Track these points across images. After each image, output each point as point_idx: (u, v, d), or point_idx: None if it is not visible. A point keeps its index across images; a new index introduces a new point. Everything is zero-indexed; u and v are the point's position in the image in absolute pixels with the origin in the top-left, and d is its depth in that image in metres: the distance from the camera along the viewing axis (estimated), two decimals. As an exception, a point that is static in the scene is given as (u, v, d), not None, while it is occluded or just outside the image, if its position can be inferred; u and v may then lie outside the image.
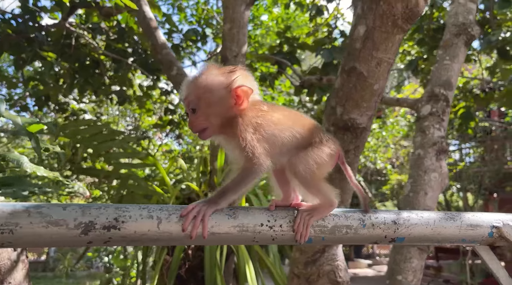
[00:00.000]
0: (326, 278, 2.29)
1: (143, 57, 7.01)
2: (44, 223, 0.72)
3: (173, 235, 0.78)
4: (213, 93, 1.01)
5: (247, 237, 0.81)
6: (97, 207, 0.76)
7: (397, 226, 0.84)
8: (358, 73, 2.11)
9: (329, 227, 0.83)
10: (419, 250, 3.28)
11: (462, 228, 0.89)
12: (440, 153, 3.45)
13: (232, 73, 1.03)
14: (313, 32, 8.09)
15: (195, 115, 1.02)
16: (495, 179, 12.86)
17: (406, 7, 1.98)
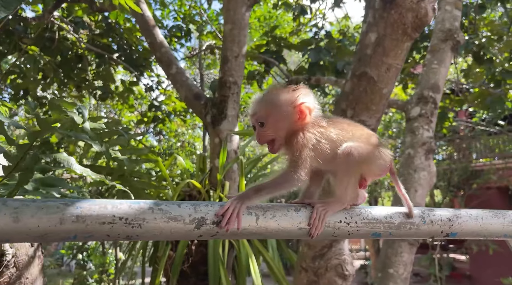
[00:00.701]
0: (333, 271, 2.41)
1: (128, 53, 6.96)
2: (165, 219, 0.79)
3: (268, 229, 0.87)
4: (281, 110, 1.11)
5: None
6: (205, 205, 0.84)
7: (452, 223, 0.96)
8: (368, 77, 2.23)
9: (396, 223, 0.93)
10: (409, 245, 3.46)
11: (505, 224, 1.01)
12: (429, 152, 3.64)
13: (296, 91, 1.13)
14: (296, 32, 8.23)
15: (263, 129, 1.12)
16: (462, 176, 13.43)
17: (416, 16, 2.11)
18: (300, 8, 7.34)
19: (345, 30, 7.62)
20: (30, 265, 2.27)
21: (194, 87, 3.60)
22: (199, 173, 3.55)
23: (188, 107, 3.87)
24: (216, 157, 3.34)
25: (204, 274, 3.20)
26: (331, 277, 2.42)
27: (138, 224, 0.77)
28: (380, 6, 2.18)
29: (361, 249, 20.90)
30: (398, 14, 2.12)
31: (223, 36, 3.48)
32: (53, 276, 15.28)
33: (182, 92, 3.61)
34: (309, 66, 5.93)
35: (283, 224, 0.90)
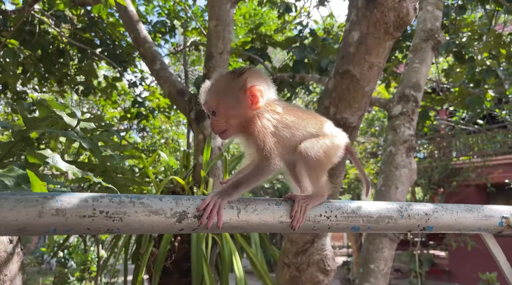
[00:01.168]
0: (315, 266, 2.44)
1: (111, 48, 6.88)
2: (146, 212, 0.79)
3: (249, 223, 0.88)
4: (230, 96, 1.08)
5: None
6: (187, 199, 0.84)
7: (428, 217, 0.99)
8: (351, 75, 2.26)
9: (375, 218, 0.95)
10: (390, 241, 3.52)
11: (479, 218, 1.05)
12: (410, 150, 3.71)
13: (244, 74, 1.09)
14: (281, 29, 8.25)
15: (216, 118, 1.09)
16: (443, 174, 13.69)
17: (398, 16, 2.14)
18: (285, 5, 7.36)
19: (329, 28, 7.68)
20: (9, 262, 2.23)
21: (178, 83, 3.59)
22: (183, 169, 3.54)
23: (172, 103, 3.85)
24: (200, 154, 3.33)
25: (187, 271, 3.20)
26: (313, 272, 2.44)
27: (119, 218, 0.77)
28: (363, 5, 2.21)
29: (344, 246, 21.13)
30: (380, 13, 2.15)
31: (207, 32, 3.47)
32: (33, 274, 15.04)
33: (166, 88, 3.59)
34: (294, 64, 5.95)
35: (264, 218, 0.91)
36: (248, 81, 1.08)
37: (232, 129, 1.11)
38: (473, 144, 14.51)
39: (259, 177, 1.04)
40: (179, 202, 0.83)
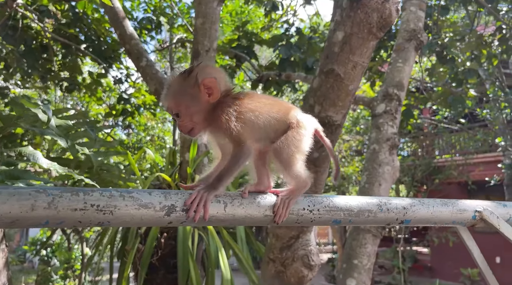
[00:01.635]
0: (300, 261, 2.48)
1: (96, 44, 6.82)
2: (136, 206, 0.82)
3: (235, 216, 0.92)
4: (186, 95, 1.11)
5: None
6: (175, 193, 0.87)
7: (406, 211, 1.04)
8: (335, 74, 2.30)
9: (355, 211, 0.99)
10: (373, 236, 3.59)
11: (454, 212, 1.10)
12: (393, 148, 3.78)
13: (194, 70, 1.13)
14: (267, 27, 8.28)
15: (180, 119, 1.12)
16: (426, 172, 13.92)
17: (381, 17, 2.19)
18: (272, 4, 7.39)
19: (315, 27, 7.74)
20: (-6, 258, 2.23)
21: (164, 80, 3.59)
22: (169, 166, 3.56)
23: (158, 100, 3.85)
24: (187, 151, 3.35)
25: (173, 267, 3.22)
26: (297, 267, 2.49)
27: (110, 211, 0.80)
28: (347, 5, 2.26)
29: (329, 243, 21.34)
30: (364, 14, 2.20)
31: (194, 30, 3.49)
32: (15, 273, 14.83)
33: (152, 85, 3.60)
34: (280, 62, 6.00)
35: (250, 211, 0.95)
36: (199, 76, 1.11)
37: (198, 126, 1.13)
38: (455, 142, 14.78)
39: (238, 164, 1.06)
40: (167, 196, 0.86)
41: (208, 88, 1.11)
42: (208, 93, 1.11)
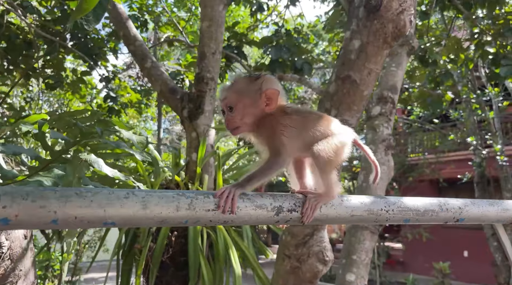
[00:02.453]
0: (315, 257, 2.61)
1: (83, 41, 6.74)
2: (253, 207, 0.94)
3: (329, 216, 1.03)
4: (248, 96, 1.20)
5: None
6: (281, 195, 0.98)
7: (461, 210, 1.17)
8: (352, 81, 2.44)
9: (422, 211, 1.12)
10: (371, 233, 3.77)
11: (499, 211, 1.25)
12: (388, 148, 3.97)
13: (261, 78, 1.22)
14: (253, 28, 8.38)
15: (232, 114, 1.20)
16: (400, 170, 14.39)
17: (396, 27, 2.35)
18: (258, 4, 7.50)
19: (299, 28, 7.90)
20: (24, 257, 2.26)
21: (169, 81, 3.64)
22: (176, 166, 3.61)
23: (163, 101, 3.87)
24: (194, 151, 3.42)
25: (183, 264, 3.30)
26: (312, 263, 2.62)
27: (234, 211, 0.90)
28: (363, 16, 2.40)
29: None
30: (380, 24, 2.34)
31: (200, 32, 3.55)
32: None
33: (157, 86, 3.64)
34: (270, 63, 6.11)
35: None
36: (264, 85, 1.20)
37: (245, 127, 1.21)
38: (428, 141, 15.34)
39: (269, 171, 1.12)
40: (275, 198, 0.96)
41: (268, 98, 1.20)
42: (266, 103, 1.20)
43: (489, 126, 10.51)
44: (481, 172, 10.89)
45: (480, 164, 10.81)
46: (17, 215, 0.69)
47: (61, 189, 0.76)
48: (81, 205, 0.75)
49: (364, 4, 2.37)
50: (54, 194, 0.74)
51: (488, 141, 10.80)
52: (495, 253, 11.04)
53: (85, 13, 1.02)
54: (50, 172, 1.60)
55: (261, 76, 1.23)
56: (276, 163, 1.14)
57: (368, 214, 1.04)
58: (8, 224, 0.70)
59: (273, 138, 1.17)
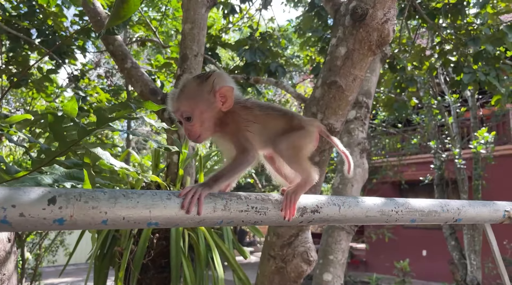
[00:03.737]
0: (300, 258, 2.68)
1: (50, 39, 6.55)
2: (279, 209, 0.97)
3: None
4: (202, 100, 1.13)
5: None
6: (306, 198, 1.02)
7: (459, 211, 1.26)
8: (338, 86, 2.53)
9: (426, 212, 1.20)
10: (346, 233, 3.89)
11: (491, 211, 1.35)
12: (363, 152, 4.12)
13: (210, 77, 1.15)
14: (225, 30, 8.40)
15: (191, 123, 1.13)
16: (363, 172, 14.78)
17: (380, 36, 2.46)
18: (231, 7, 7.54)
19: (271, 32, 8.00)
20: (7, 261, 2.20)
21: (150, 82, 3.61)
22: (155, 168, 3.59)
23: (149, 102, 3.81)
24: (175, 153, 3.41)
25: (163, 267, 3.28)
26: (297, 263, 2.69)
27: (264, 212, 0.93)
28: (350, 24, 2.49)
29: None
30: (365, 33, 2.45)
31: (182, 34, 3.55)
32: None
33: (138, 87, 3.60)
34: (244, 66, 6.16)
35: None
36: (216, 83, 1.14)
37: (206, 132, 1.16)
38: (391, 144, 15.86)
39: (238, 169, 1.09)
40: (301, 200, 1.01)
41: (223, 97, 1.14)
42: (222, 101, 1.14)
43: (448, 131, 11.01)
44: (441, 174, 11.39)
45: (440, 167, 11.31)
46: (71, 216, 0.71)
47: (109, 190, 0.77)
48: (128, 206, 0.77)
49: (350, 13, 2.46)
50: (104, 195, 0.75)
51: (447, 145, 11.32)
52: (452, 251, 11.57)
53: (123, 20, 1.01)
54: (52, 168, 1.58)
55: (210, 75, 1.16)
56: (244, 159, 1.10)
57: (381, 215, 1.11)
58: (63, 224, 0.71)
59: (237, 136, 1.13)
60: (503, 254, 11.99)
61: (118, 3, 0.92)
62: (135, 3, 0.92)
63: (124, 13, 0.94)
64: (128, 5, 0.92)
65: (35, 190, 0.70)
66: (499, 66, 6.33)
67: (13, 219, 0.67)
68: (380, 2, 2.39)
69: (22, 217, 0.67)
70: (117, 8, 0.93)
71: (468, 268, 10.93)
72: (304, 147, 1.19)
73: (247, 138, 1.12)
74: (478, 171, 10.71)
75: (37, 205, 0.68)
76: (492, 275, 11.75)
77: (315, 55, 8.18)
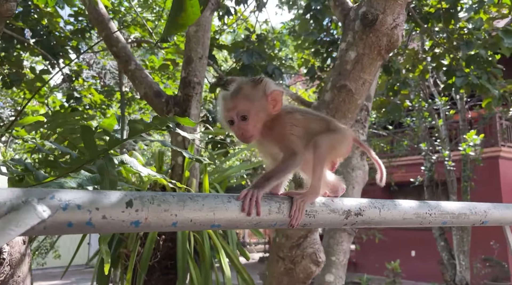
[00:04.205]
0: (309, 259, 2.71)
1: (45, 39, 6.49)
2: (328, 211, 1.01)
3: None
4: (258, 102, 1.18)
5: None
6: (348, 200, 1.05)
7: (486, 213, 1.31)
8: (348, 90, 2.57)
9: (456, 214, 1.24)
10: (348, 235, 3.94)
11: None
12: (363, 154, 4.17)
13: (263, 82, 1.21)
14: (220, 32, 8.42)
15: (246, 122, 1.17)
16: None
17: (390, 41, 2.51)
18: (226, 9, 7.55)
19: (265, 34, 8.04)
20: (22, 263, 2.21)
21: (154, 84, 3.61)
22: (159, 170, 3.58)
23: (148, 104, 3.78)
24: (179, 155, 3.42)
25: (169, 268, 3.29)
26: (306, 264, 2.72)
27: (313, 215, 0.97)
28: (359, 29, 2.54)
29: (259, 242, 21.86)
30: (375, 37, 2.49)
31: (186, 37, 3.55)
32: None
33: (142, 89, 3.59)
34: (241, 68, 6.18)
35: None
36: (267, 87, 1.20)
37: (257, 133, 1.20)
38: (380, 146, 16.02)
39: (287, 170, 1.13)
40: (345, 203, 1.04)
41: (274, 100, 1.20)
42: (273, 105, 1.20)
43: (438, 133, 11.19)
44: (431, 176, 11.56)
45: (430, 169, 11.47)
46: (146, 218, 0.72)
47: (177, 194, 0.79)
48: (195, 208, 0.79)
49: (361, 18, 2.51)
50: (173, 198, 0.77)
51: (437, 148, 11.50)
52: (442, 252, 11.74)
53: (182, 29, 1.02)
54: (78, 174, 1.59)
55: (262, 79, 1.22)
56: (293, 161, 1.14)
57: (416, 217, 1.15)
58: (138, 226, 0.73)
59: (285, 139, 1.18)
60: (489, 254, 12.23)
61: (176, 11, 0.93)
62: (195, 12, 0.93)
63: (183, 22, 0.95)
64: (187, 14, 0.93)
65: (113, 193, 0.72)
66: (490, 70, 6.47)
67: (97, 221, 0.68)
68: (390, 8, 2.44)
69: (104, 219, 0.69)
70: (174, 17, 0.94)
71: (457, 268, 11.10)
72: (339, 148, 1.25)
73: (294, 141, 1.16)
74: (467, 173, 10.90)
75: (117, 207, 0.70)
76: (480, 275, 11.96)
77: (310, 57, 8.24)
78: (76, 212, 0.66)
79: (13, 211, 0.60)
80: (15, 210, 0.60)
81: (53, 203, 0.65)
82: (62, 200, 0.66)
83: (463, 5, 6.74)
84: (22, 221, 0.59)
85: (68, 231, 0.67)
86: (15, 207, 0.60)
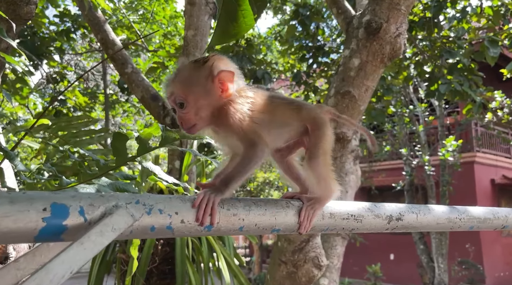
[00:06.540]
0: (311, 263, 2.74)
1: (29, 39, 6.35)
2: (373, 216, 1.03)
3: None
4: (198, 86, 0.99)
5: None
6: (388, 205, 1.08)
7: (507, 218, 1.36)
8: (351, 96, 2.62)
9: (482, 219, 1.28)
10: (342, 238, 3.98)
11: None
12: (356, 159, 4.22)
13: (209, 60, 1.01)
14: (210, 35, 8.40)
15: (184, 110, 0.99)
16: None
17: (393, 49, 2.57)
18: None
19: (251, 38, 8.08)
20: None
21: (151, 88, 3.57)
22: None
23: (145, 108, 3.71)
24: (177, 159, 3.39)
25: (166, 273, 3.26)
26: (308, 268, 2.74)
27: (360, 220, 0.99)
28: (363, 37, 2.59)
29: (239, 247, 21.77)
30: (379, 45, 2.55)
31: (184, 41, 3.54)
32: None
33: (139, 92, 3.55)
34: (231, 72, 6.20)
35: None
36: (214, 67, 0.99)
37: (202, 122, 1.02)
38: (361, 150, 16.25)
39: (248, 167, 0.96)
40: (387, 208, 1.07)
41: (222, 83, 0.99)
42: (221, 88, 1.00)
43: (418, 139, 11.44)
44: (411, 180, 11.80)
45: (410, 173, 11.72)
46: (218, 222, 0.73)
47: (242, 198, 0.80)
48: (260, 213, 0.80)
49: (365, 26, 2.57)
50: (240, 203, 0.78)
51: (417, 153, 11.75)
52: (421, 255, 11.99)
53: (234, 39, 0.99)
54: (99, 180, 1.57)
55: (209, 58, 1.01)
56: (253, 155, 0.97)
57: (448, 222, 1.18)
58: (210, 230, 0.73)
59: (241, 127, 0.98)
60: (465, 257, 12.55)
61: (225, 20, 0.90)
62: (247, 23, 0.90)
63: (235, 32, 0.91)
64: (239, 24, 0.90)
65: (188, 197, 0.72)
66: (471, 77, 6.69)
67: (176, 225, 0.68)
68: (393, 17, 2.51)
69: (182, 224, 0.69)
70: (224, 25, 0.90)
71: (436, 271, 11.35)
72: (330, 146, 1.09)
73: (254, 130, 0.99)
74: (446, 177, 11.17)
75: (193, 212, 0.70)
76: (457, 277, 12.25)
77: (296, 62, 8.32)
78: (159, 216, 0.66)
79: (107, 215, 0.59)
80: (109, 214, 0.59)
81: (138, 207, 0.65)
82: (146, 204, 0.66)
83: (446, 14, 6.94)
84: (117, 226, 0.59)
85: (150, 235, 0.67)
86: (108, 211, 0.60)
